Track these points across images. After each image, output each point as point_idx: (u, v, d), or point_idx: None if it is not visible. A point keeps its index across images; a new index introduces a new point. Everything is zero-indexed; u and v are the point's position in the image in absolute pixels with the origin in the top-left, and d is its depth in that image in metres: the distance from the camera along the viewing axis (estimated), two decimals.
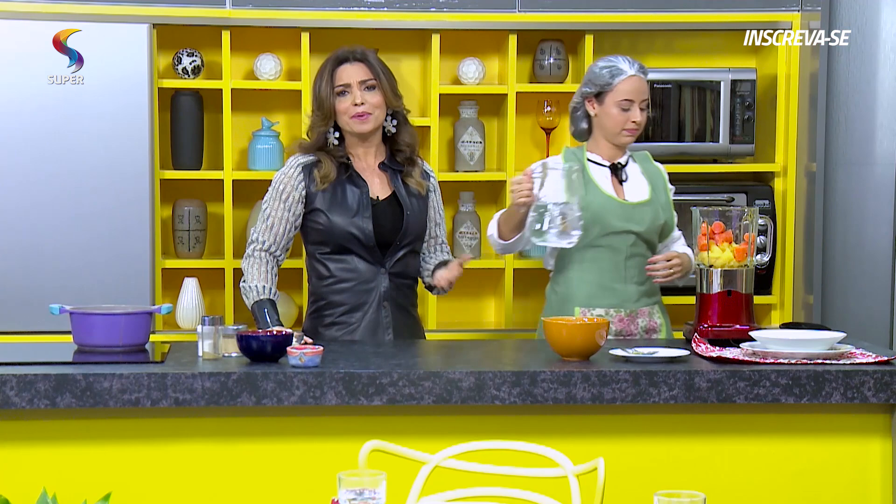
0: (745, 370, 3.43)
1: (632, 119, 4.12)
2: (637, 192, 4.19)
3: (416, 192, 4.12)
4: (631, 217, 4.11)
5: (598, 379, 3.39)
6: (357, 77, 4.04)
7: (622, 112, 4.13)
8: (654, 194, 4.19)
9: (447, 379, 3.37)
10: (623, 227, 4.10)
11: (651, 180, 4.23)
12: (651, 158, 4.32)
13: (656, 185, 4.22)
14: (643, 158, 4.29)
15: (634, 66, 4.14)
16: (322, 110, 4.05)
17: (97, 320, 3.69)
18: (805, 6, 5.15)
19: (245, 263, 4.05)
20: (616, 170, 4.19)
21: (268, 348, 3.47)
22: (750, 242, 3.86)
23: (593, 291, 4.12)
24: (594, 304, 4.10)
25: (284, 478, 3.42)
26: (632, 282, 4.12)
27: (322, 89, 4.05)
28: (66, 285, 4.83)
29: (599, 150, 4.19)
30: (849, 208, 5.13)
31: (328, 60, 4.10)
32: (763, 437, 3.51)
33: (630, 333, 4.11)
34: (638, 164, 4.26)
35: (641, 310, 4.12)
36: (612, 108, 4.13)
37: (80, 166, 4.86)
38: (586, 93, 4.18)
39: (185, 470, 3.40)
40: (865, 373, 3.44)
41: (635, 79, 4.13)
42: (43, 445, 3.38)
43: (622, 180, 4.19)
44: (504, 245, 4.13)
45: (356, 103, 4.02)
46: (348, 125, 4.04)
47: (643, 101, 4.14)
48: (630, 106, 4.12)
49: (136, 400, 3.31)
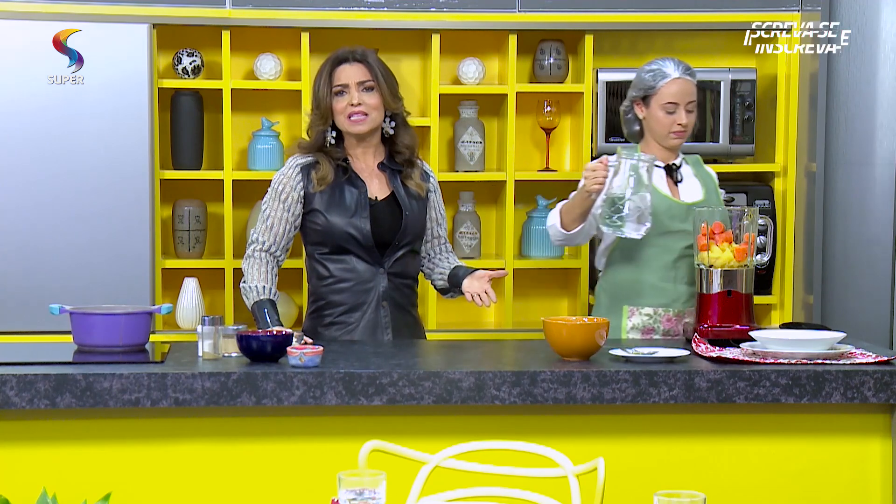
0: (745, 370, 3.43)
1: (677, 122, 4.14)
2: (692, 193, 4.20)
3: (416, 194, 4.12)
4: (686, 218, 4.11)
5: (598, 379, 3.39)
6: (355, 78, 4.04)
7: (667, 115, 4.14)
8: (708, 196, 4.19)
9: (447, 379, 3.37)
10: (678, 227, 4.11)
11: (704, 183, 4.24)
12: (702, 162, 4.33)
13: (709, 188, 4.23)
14: (695, 162, 4.30)
15: (679, 68, 4.15)
16: (320, 109, 4.05)
17: (97, 320, 3.69)
18: (805, 6, 5.15)
19: (245, 264, 4.05)
20: (671, 171, 4.20)
21: (268, 348, 3.47)
22: (750, 242, 3.86)
23: (644, 291, 4.13)
24: (643, 303, 4.12)
25: (284, 478, 3.42)
26: (682, 282, 4.12)
27: (320, 89, 4.05)
28: (66, 285, 4.83)
29: (652, 152, 4.19)
30: (849, 208, 5.13)
31: (328, 60, 4.10)
32: (763, 437, 3.51)
33: (677, 333, 4.12)
34: (690, 167, 4.27)
35: (690, 310, 4.12)
36: (658, 111, 4.15)
37: (81, 166, 4.87)
38: (634, 96, 4.21)
39: (185, 470, 3.40)
40: (865, 373, 3.44)
41: (680, 81, 4.14)
42: (43, 445, 3.38)
43: (677, 181, 4.20)
44: (566, 236, 4.11)
45: (353, 104, 4.02)
46: (344, 125, 4.04)
47: (689, 104, 4.15)
48: (675, 109, 4.13)
49: (136, 400, 3.31)
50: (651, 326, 4.12)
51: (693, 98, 4.17)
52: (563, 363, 3.51)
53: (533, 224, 5.31)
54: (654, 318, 4.11)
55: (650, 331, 4.12)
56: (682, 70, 4.16)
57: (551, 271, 5.39)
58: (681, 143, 4.19)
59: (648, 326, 4.12)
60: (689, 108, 4.16)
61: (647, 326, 4.12)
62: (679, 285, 4.13)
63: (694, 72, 4.21)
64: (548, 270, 5.38)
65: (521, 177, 5.24)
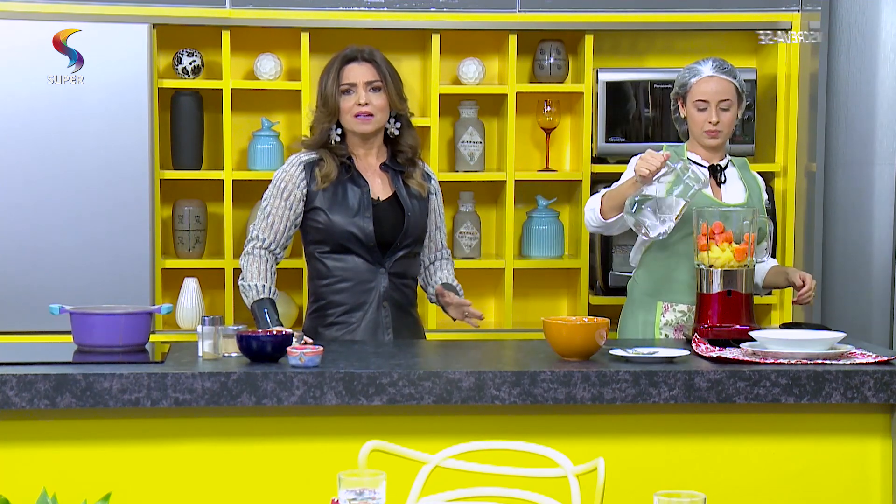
0: (744, 370, 3.43)
1: (708, 120, 4.10)
2: (735, 194, 4.17)
3: (417, 194, 4.11)
4: (728, 219, 4.09)
5: (598, 379, 3.39)
6: (364, 77, 4.03)
7: (699, 112, 4.11)
8: (751, 200, 4.16)
9: (447, 379, 3.37)
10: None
11: (748, 186, 4.20)
12: (749, 166, 4.29)
13: (753, 192, 4.20)
14: (742, 165, 4.27)
15: (714, 66, 4.12)
16: (327, 107, 4.04)
17: (97, 320, 3.69)
18: (805, 6, 5.15)
19: (244, 261, 4.04)
20: (715, 171, 4.17)
21: (268, 348, 3.47)
22: (750, 243, 3.86)
23: (679, 288, 4.11)
24: (678, 300, 4.10)
25: (284, 478, 3.42)
26: None
27: (328, 86, 4.04)
28: (66, 285, 4.83)
29: (697, 151, 4.18)
30: (849, 208, 5.13)
31: (336, 58, 4.08)
32: (763, 437, 3.51)
33: None
34: (737, 170, 4.23)
35: None
36: (692, 109, 4.13)
37: (81, 166, 4.87)
38: (675, 94, 4.19)
39: (185, 470, 3.40)
40: (865, 373, 3.44)
41: (713, 79, 4.10)
42: (43, 445, 3.38)
43: (720, 182, 4.17)
44: (603, 224, 4.08)
45: (360, 103, 4.01)
46: (350, 124, 4.04)
47: (722, 102, 4.10)
48: (706, 107, 4.10)
49: (136, 400, 3.31)
50: (684, 324, 4.11)
51: (727, 97, 4.10)
52: (563, 363, 3.51)
53: (533, 224, 5.31)
54: (689, 315, 4.09)
55: (682, 328, 4.11)
56: (717, 68, 4.12)
57: (551, 271, 5.39)
58: (717, 142, 4.13)
59: (681, 324, 4.11)
60: (724, 107, 4.11)
61: (679, 323, 4.11)
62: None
63: (733, 70, 4.15)
64: (548, 270, 5.37)
65: (521, 177, 5.23)
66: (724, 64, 4.16)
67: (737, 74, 4.16)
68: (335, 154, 4.05)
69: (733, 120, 4.15)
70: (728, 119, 4.13)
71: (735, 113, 4.15)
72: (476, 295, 5.35)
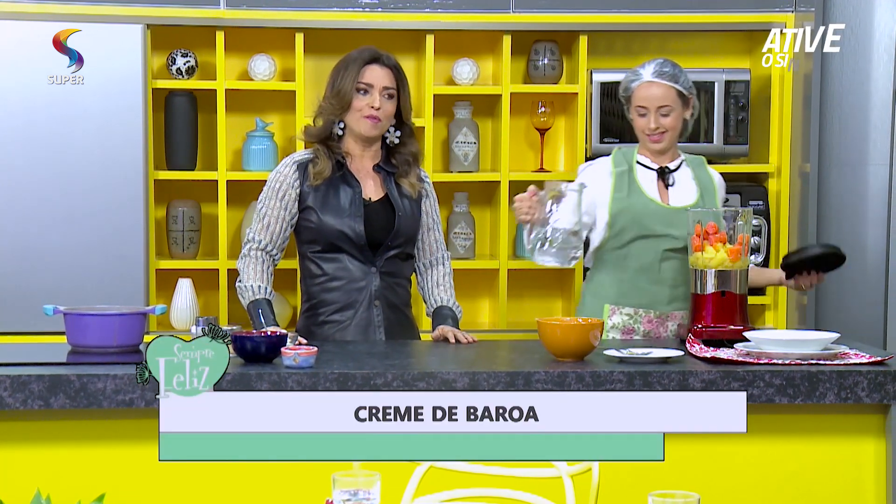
0: (739, 371, 3.44)
1: (648, 125, 4.09)
2: (683, 197, 4.16)
3: (409, 194, 4.11)
4: (671, 222, 4.09)
5: (592, 379, 3.39)
6: (382, 82, 4.02)
7: (640, 118, 4.11)
8: (702, 201, 4.15)
9: (441, 379, 3.37)
10: (662, 231, 4.09)
11: (702, 187, 4.19)
12: (706, 165, 4.27)
13: (706, 192, 4.19)
14: (697, 164, 4.25)
15: (654, 71, 4.09)
16: (339, 102, 4.01)
17: (91, 321, 3.68)
18: (799, 7, 5.16)
19: (241, 263, 4.04)
20: (663, 174, 4.17)
21: (262, 349, 3.47)
22: (744, 243, 3.86)
23: (624, 290, 4.12)
24: (624, 302, 4.11)
25: (279, 478, 3.41)
26: (664, 284, 4.11)
27: (345, 82, 4.00)
28: (60, 286, 4.83)
29: (646, 153, 4.18)
30: (843, 209, 5.14)
31: (358, 55, 4.04)
32: (757, 438, 3.51)
33: (658, 336, 4.11)
34: (690, 170, 4.22)
35: (674, 314, 4.11)
36: (634, 114, 4.13)
37: (75, 167, 4.86)
38: (622, 97, 4.19)
39: (180, 470, 3.40)
40: (859, 373, 3.44)
41: (652, 85, 4.08)
42: (37, 446, 3.37)
43: (668, 185, 4.17)
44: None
45: (374, 106, 4.00)
46: (358, 124, 4.02)
47: (662, 108, 4.07)
48: (646, 112, 4.09)
49: (130, 401, 3.30)
50: (631, 326, 4.12)
51: (666, 103, 4.07)
52: (557, 363, 3.51)
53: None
54: (635, 318, 4.11)
55: (630, 331, 4.12)
56: (657, 74, 4.07)
57: (545, 272, 5.38)
58: (661, 146, 4.12)
59: (629, 326, 4.12)
60: (663, 113, 4.08)
61: (627, 326, 4.12)
62: (661, 287, 4.12)
63: (676, 74, 4.10)
64: (542, 271, 5.37)
65: (516, 177, 5.24)
66: (667, 67, 4.09)
67: (679, 78, 4.10)
68: (331, 151, 4.05)
69: (677, 123, 4.11)
70: (670, 123, 4.09)
71: (679, 115, 4.10)
72: (470, 296, 5.35)
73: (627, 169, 4.14)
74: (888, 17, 5.08)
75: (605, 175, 4.15)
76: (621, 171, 4.14)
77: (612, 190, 4.12)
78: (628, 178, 4.14)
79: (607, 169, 4.16)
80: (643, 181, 4.14)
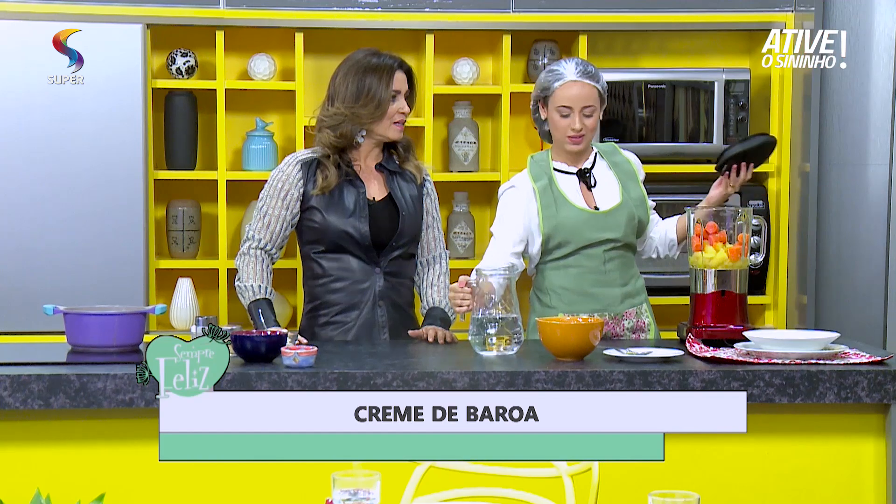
0: (739, 370, 3.44)
1: (571, 127, 4.00)
2: (608, 196, 4.09)
3: (413, 193, 4.11)
4: (606, 226, 4.04)
5: (592, 379, 3.39)
6: (405, 87, 4.06)
7: (562, 119, 4.01)
8: (626, 194, 4.09)
9: (441, 379, 3.37)
10: (599, 237, 4.04)
11: (620, 177, 4.12)
12: (618, 149, 4.19)
13: (626, 182, 4.11)
14: (610, 152, 4.17)
15: (578, 70, 3.99)
16: (377, 110, 4.01)
17: (91, 321, 3.69)
18: (799, 6, 5.16)
19: (240, 261, 4.04)
20: (583, 176, 4.11)
21: (262, 349, 3.47)
22: (744, 243, 3.86)
23: (575, 299, 4.07)
24: (577, 310, 4.02)
25: (279, 478, 3.41)
26: (614, 285, 4.08)
27: (382, 90, 3.98)
28: (60, 286, 4.83)
29: (561, 157, 4.10)
30: (842, 208, 5.13)
31: (386, 63, 4.03)
32: (757, 438, 3.51)
33: (616, 335, 4.09)
34: (605, 161, 4.14)
35: (627, 311, 4.10)
36: (554, 114, 4.02)
37: (75, 167, 4.86)
38: (537, 96, 4.08)
39: (179, 470, 3.40)
40: (859, 373, 3.44)
41: (576, 84, 3.98)
42: (37, 446, 3.37)
43: (591, 186, 4.11)
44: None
45: (403, 111, 4.03)
46: (387, 130, 4.02)
47: (586, 108, 3.99)
48: (569, 113, 3.99)
49: (130, 400, 3.30)
50: None
51: (590, 103, 3.99)
52: (557, 363, 3.51)
53: None
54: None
55: None
56: (581, 73, 3.99)
57: None
58: (581, 148, 4.04)
59: None
60: (587, 114, 3.99)
61: None
62: (611, 289, 4.07)
63: (597, 74, 4.03)
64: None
65: None
66: (588, 67, 4.03)
67: (600, 78, 4.04)
68: (340, 159, 4.04)
69: (596, 124, 4.05)
70: (591, 124, 4.02)
71: (598, 117, 4.05)
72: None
73: (548, 181, 4.05)
74: (888, 17, 5.08)
75: (528, 195, 4.05)
76: (543, 186, 4.05)
77: (540, 208, 4.02)
78: (552, 191, 4.04)
79: (528, 187, 4.06)
80: (567, 191, 4.06)
